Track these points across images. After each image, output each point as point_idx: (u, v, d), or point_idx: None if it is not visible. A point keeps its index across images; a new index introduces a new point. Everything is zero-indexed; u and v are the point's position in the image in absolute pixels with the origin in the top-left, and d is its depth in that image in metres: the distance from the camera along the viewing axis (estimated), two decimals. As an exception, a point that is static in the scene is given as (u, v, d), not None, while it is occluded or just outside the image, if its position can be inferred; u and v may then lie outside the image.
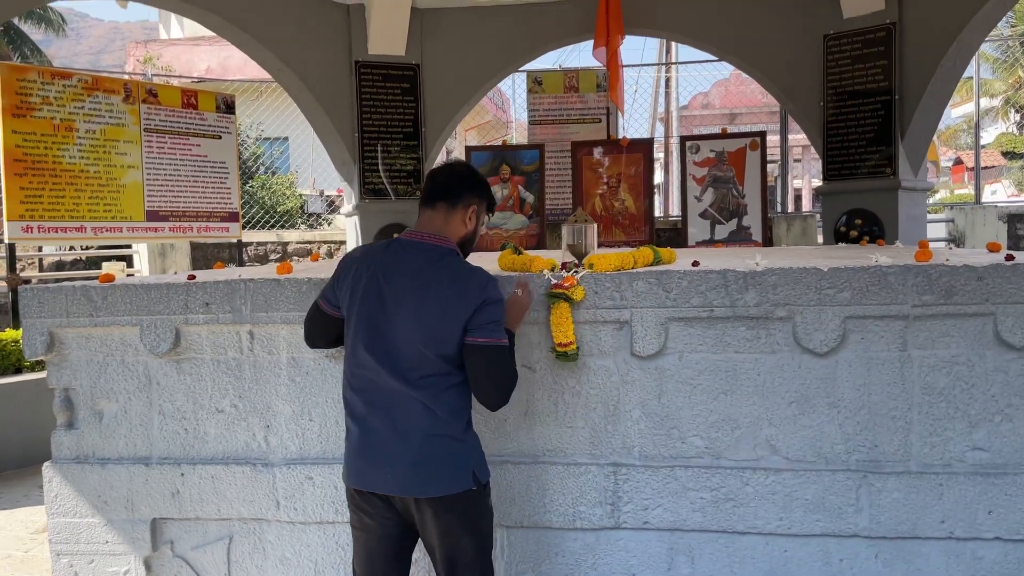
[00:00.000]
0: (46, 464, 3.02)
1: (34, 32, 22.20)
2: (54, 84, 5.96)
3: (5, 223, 5.78)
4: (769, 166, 8.44)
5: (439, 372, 2.22)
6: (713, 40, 7.55)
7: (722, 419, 2.71)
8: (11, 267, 6.38)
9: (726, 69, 13.60)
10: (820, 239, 8.23)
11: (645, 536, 2.74)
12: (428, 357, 2.21)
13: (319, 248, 9.78)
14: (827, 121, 6.99)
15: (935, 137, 8.61)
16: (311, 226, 12.63)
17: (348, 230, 8.18)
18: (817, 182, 7.99)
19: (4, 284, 6.97)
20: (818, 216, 8.46)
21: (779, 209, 9.95)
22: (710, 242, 7.36)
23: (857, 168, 6.85)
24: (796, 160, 22.79)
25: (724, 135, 7.69)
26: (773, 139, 8.88)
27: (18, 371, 5.85)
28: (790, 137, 9.75)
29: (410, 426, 2.22)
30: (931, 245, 3.42)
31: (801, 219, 8.91)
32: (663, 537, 2.73)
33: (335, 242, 9.82)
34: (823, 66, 6.95)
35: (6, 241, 5.98)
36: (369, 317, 2.26)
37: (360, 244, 7.51)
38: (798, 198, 23.57)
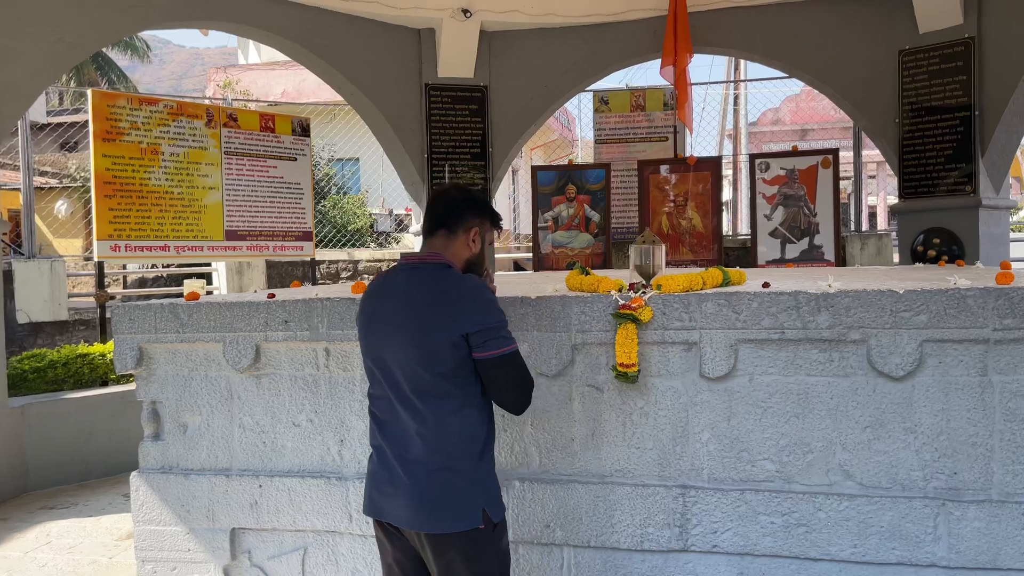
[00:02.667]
0: (133, 473, 3.17)
1: (120, 58, 23.29)
2: (141, 110, 6.26)
3: (95, 242, 6.07)
4: (842, 183, 8.27)
5: (438, 394, 2.17)
6: (783, 57, 7.46)
7: (794, 443, 2.67)
8: (99, 284, 6.70)
9: (796, 85, 13.41)
10: (896, 259, 8.01)
11: (714, 560, 2.72)
12: (425, 377, 2.16)
13: (388, 266, 9.98)
14: (903, 138, 6.82)
15: (1018, 153, 8.29)
16: (380, 244, 12.90)
17: (416, 248, 8.32)
18: (893, 199, 7.79)
19: (93, 300, 7.32)
20: (894, 235, 8.23)
21: (853, 228, 9.72)
22: (780, 261, 7.24)
23: (935, 185, 6.66)
24: (871, 177, 22.18)
25: (795, 152, 7.57)
26: (846, 155, 8.71)
27: (104, 384, 6.13)
28: (864, 153, 9.52)
29: (413, 458, 2.18)
30: (1014, 266, 3.31)
31: (876, 238, 8.68)
32: (732, 561, 2.70)
33: (404, 260, 9.98)
34: (898, 82, 6.79)
35: (95, 259, 6.29)
36: (373, 344, 2.27)
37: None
38: (873, 216, 22.92)
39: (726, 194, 14.13)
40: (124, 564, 4.09)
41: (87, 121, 6.15)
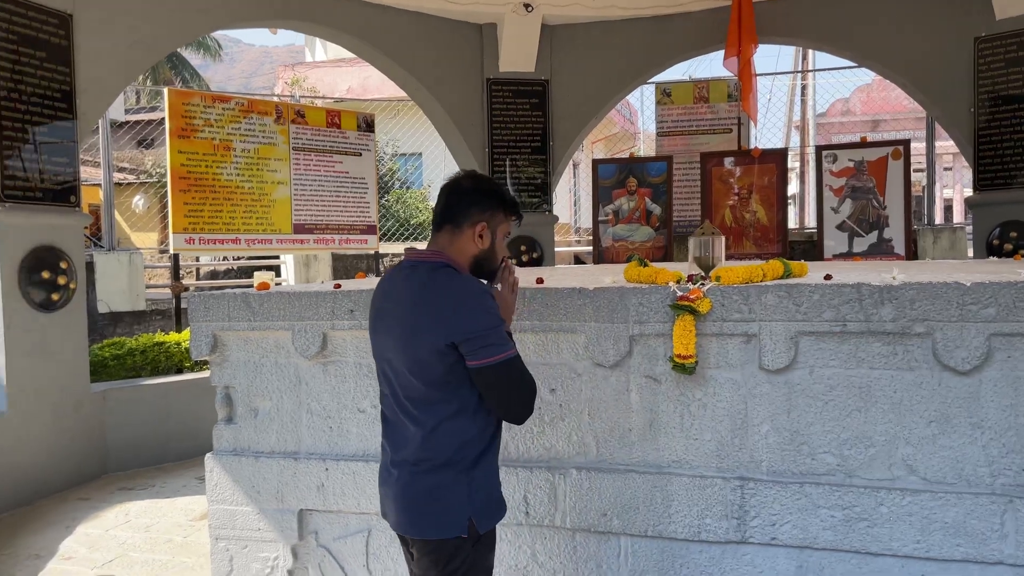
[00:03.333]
0: (208, 455, 3.31)
1: (193, 57, 24.05)
2: (215, 107, 6.48)
3: (171, 235, 6.32)
4: (915, 175, 8.04)
5: (430, 400, 2.09)
6: (852, 46, 7.29)
7: (855, 436, 2.64)
8: (175, 275, 6.97)
9: (867, 74, 13.05)
10: (971, 252, 7.76)
11: (773, 552, 2.71)
12: (415, 384, 2.09)
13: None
14: (978, 128, 6.60)
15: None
16: (442, 238, 13.04)
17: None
18: (969, 192, 7.54)
19: (168, 291, 7.62)
20: (968, 228, 7.97)
21: (925, 221, 9.44)
22: (848, 255, 7.09)
23: (1012, 177, 6.43)
24: (946, 168, 21.44)
25: (863, 143, 7.39)
26: (919, 146, 8.45)
27: (179, 371, 6.38)
28: (939, 144, 9.25)
29: (403, 459, 2.14)
30: (1092, 259, 3.20)
31: (949, 231, 8.42)
32: (792, 554, 2.69)
33: (465, 254, 10.09)
34: (974, 70, 6.57)
35: (171, 251, 6.55)
36: (375, 345, 2.24)
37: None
38: (948, 208, 22.14)
39: (793, 187, 13.85)
40: (197, 544, 4.26)
41: (163, 119, 6.41)
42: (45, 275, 5.17)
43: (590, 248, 9.13)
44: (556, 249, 8.41)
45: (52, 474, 5.22)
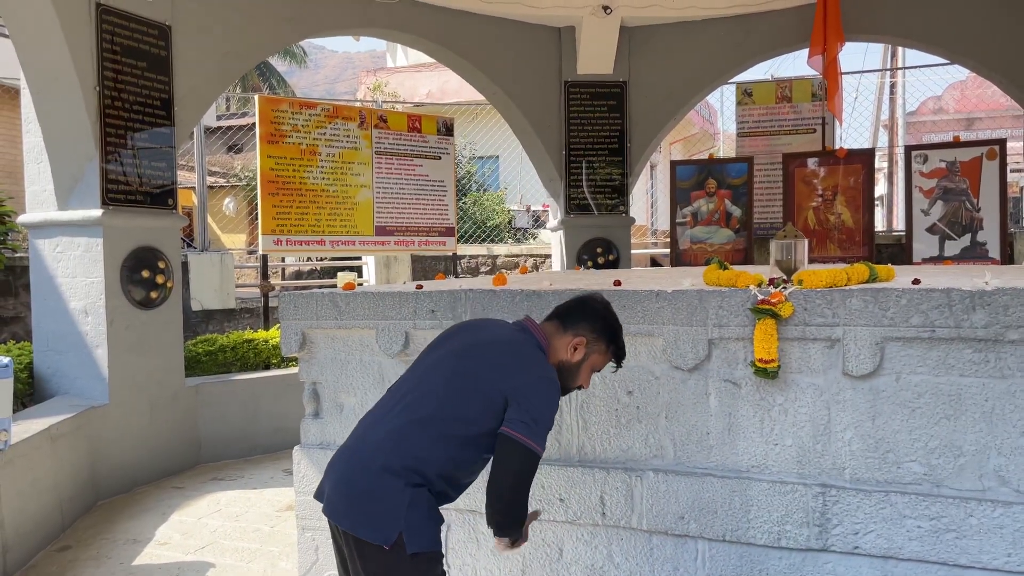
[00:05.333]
0: (296, 448, 3.45)
1: (279, 64, 24.74)
2: (302, 113, 6.71)
3: (260, 236, 6.57)
4: (1012, 176, 7.71)
5: (438, 416, 2.14)
6: (945, 42, 7.03)
7: (943, 445, 2.57)
8: (263, 275, 7.23)
9: (961, 71, 12.53)
10: (1072, 256, 7.38)
11: (855, 561, 2.66)
12: (443, 401, 2.16)
13: (526, 261, 10.17)
14: (1082, 125, 6.28)
15: None
16: (518, 240, 13.16)
17: (553, 244, 8.45)
18: (1070, 193, 7.19)
19: (257, 290, 7.91)
20: (1070, 231, 7.59)
21: (1022, 224, 9.02)
22: (938, 259, 6.85)
23: (1119, 177, 6.09)
24: (1046, 168, 20.37)
25: (956, 143, 7.13)
26: (1016, 145, 8.09)
27: (267, 367, 6.61)
28: (1037, 143, 8.82)
29: (375, 452, 2.14)
30: None
31: (1049, 234, 8.02)
32: (875, 564, 2.64)
33: (541, 256, 10.16)
34: (1077, 65, 6.26)
35: (259, 252, 6.80)
36: (435, 351, 2.34)
37: (564, 257, 7.77)
38: (1048, 210, 21.01)
39: (880, 188, 13.42)
40: (283, 533, 4.41)
41: (252, 124, 6.65)
42: (145, 274, 5.44)
43: (666, 250, 9.06)
44: (632, 251, 8.37)
45: (149, 463, 5.48)
